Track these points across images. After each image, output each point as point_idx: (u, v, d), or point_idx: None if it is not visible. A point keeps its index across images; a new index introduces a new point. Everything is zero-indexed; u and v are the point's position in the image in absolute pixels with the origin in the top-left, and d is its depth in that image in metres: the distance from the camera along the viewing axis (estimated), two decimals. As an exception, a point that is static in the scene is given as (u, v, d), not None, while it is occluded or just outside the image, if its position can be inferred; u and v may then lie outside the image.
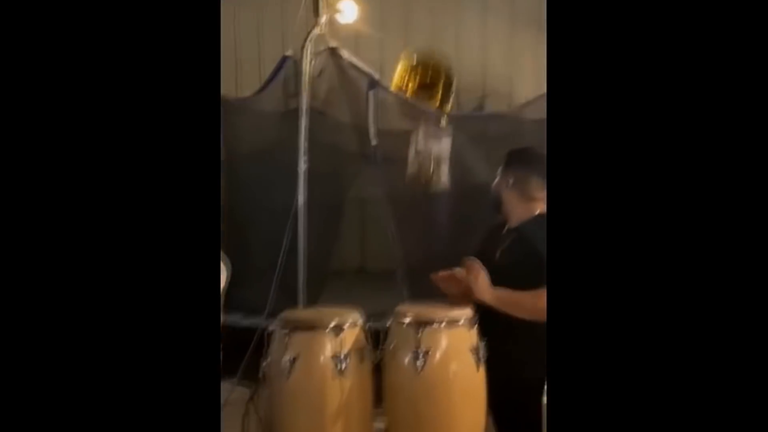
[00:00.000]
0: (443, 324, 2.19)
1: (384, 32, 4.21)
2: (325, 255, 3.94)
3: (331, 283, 3.98)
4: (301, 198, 3.54)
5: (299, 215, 3.52)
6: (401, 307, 2.34)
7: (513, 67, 4.65)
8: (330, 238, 3.97)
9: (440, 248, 3.69)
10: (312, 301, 3.57)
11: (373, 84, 3.83)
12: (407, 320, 2.22)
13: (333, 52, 3.77)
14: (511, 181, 2.55)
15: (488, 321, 2.35)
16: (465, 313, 2.26)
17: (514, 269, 2.39)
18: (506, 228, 2.59)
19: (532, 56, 4.41)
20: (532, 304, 2.22)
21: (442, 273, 2.49)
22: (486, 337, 2.27)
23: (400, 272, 3.69)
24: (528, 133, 3.72)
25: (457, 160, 3.84)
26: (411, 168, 3.96)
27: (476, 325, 2.26)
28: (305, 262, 3.51)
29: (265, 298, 3.28)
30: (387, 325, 2.30)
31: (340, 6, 3.71)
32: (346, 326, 2.23)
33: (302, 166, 3.57)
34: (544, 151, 2.53)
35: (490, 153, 3.68)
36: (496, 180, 2.64)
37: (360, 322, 2.32)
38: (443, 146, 4.00)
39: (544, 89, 4.22)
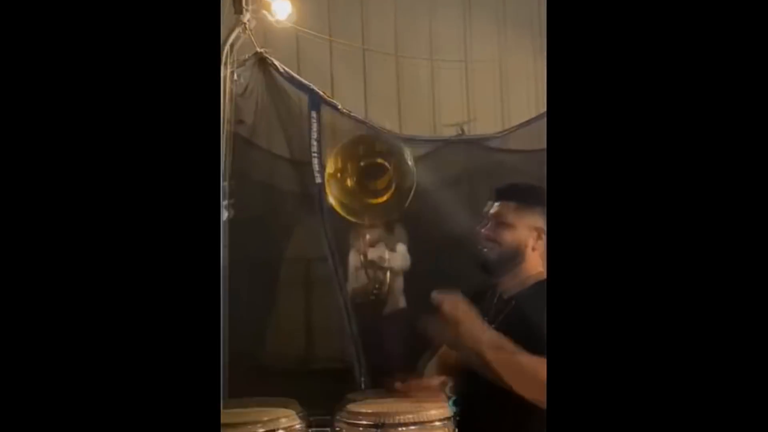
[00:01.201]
0: (411, 427, 2.15)
1: (332, 34, 4.19)
2: (256, 336, 3.86)
3: (265, 371, 3.89)
4: (222, 257, 3.46)
5: (221, 281, 3.44)
6: (355, 404, 2.29)
7: (505, 82, 4.72)
8: (260, 312, 3.89)
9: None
10: (236, 393, 3.47)
11: (317, 101, 3.82)
12: (363, 421, 2.17)
13: (262, 60, 3.76)
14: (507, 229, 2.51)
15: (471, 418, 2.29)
16: (441, 410, 2.21)
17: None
18: (498, 295, 2.54)
19: (526, 69, 4.49)
20: (533, 370, 2.16)
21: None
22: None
23: (356, 357, 3.64)
24: (520, 166, 3.76)
25: (427, 205, 3.83)
26: (355, 281, 4.02)
27: (455, 429, 2.21)
28: (227, 345, 3.44)
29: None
30: (335, 429, 2.25)
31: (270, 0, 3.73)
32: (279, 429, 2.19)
33: (223, 213, 3.51)
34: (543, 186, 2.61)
35: (471, 193, 3.68)
36: (482, 227, 2.59)
37: (299, 424, 2.27)
38: (399, 253, 4.06)
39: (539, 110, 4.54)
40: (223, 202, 3.48)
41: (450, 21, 4.76)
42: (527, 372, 2.15)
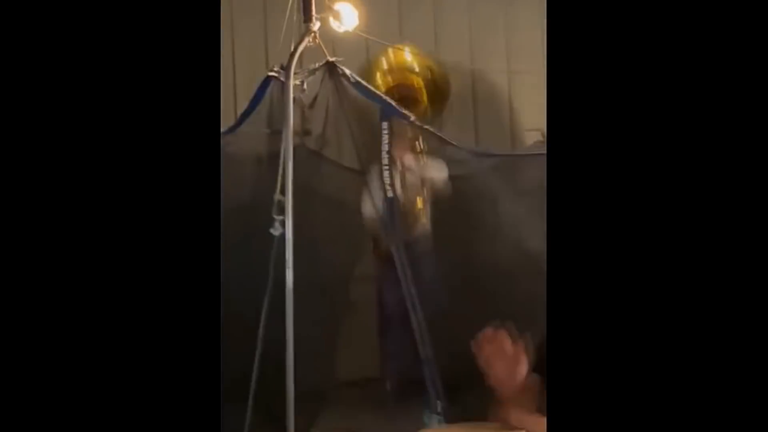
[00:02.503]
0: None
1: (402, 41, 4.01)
2: (324, 360, 3.64)
3: (335, 400, 3.69)
4: (289, 277, 3.25)
5: (287, 302, 3.23)
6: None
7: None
8: (329, 336, 3.68)
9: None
10: (303, 428, 3.28)
11: (389, 111, 3.62)
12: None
13: (332, 68, 3.58)
14: None
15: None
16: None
17: None
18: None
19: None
20: None
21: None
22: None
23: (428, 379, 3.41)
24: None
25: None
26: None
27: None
28: (294, 371, 3.21)
29: (236, 425, 3.00)
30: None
31: (337, 8, 3.55)
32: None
33: (289, 229, 3.31)
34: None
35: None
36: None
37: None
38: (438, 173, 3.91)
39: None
40: (288, 218, 3.28)
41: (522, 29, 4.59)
42: None
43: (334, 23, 3.59)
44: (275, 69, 3.53)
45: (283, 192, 3.27)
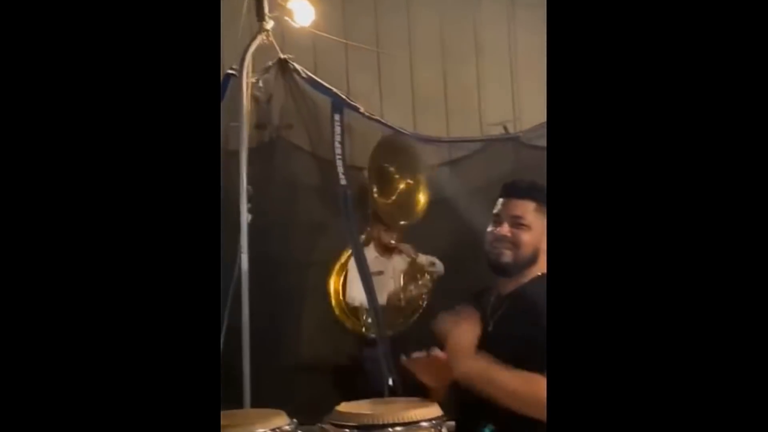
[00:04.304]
0: (397, 428, 2.07)
1: (350, 37, 4.15)
2: (278, 340, 3.84)
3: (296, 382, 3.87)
4: (245, 261, 3.46)
5: (242, 284, 3.44)
6: (342, 406, 2.23)
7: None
8: (285, 317, 3.87)
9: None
10: (264, 400, 3.47)
11: (340, 105, 3.80)
12: (347, 424, 2.11)
13: (284, 65, 3.76)
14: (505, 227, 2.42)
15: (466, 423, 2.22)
16: (429, 411, 2.14)
17: (512, 347, 2.26)
18: (496, 293, 2.45)
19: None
20: (519, 389, 2.10)
21: (416, 355, 2.35)
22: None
23: (382, 359, 3.58)
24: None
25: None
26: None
27: (443, 429, 2.13)
28: (250, 349, 3.42)
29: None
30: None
31: (292, 5, 3.71)
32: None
33: (245, 216, 3.50)
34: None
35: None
36: (490, 228, 2.49)
37: (289, 428, 2.22)
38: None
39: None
40: (244, 205, 3.48)
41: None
42: (511, 394, 2.10)
43: (290, 21, 3.75)
44: (234, 67, 3.71)
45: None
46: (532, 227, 2.36)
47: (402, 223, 4.01)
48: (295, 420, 2.26)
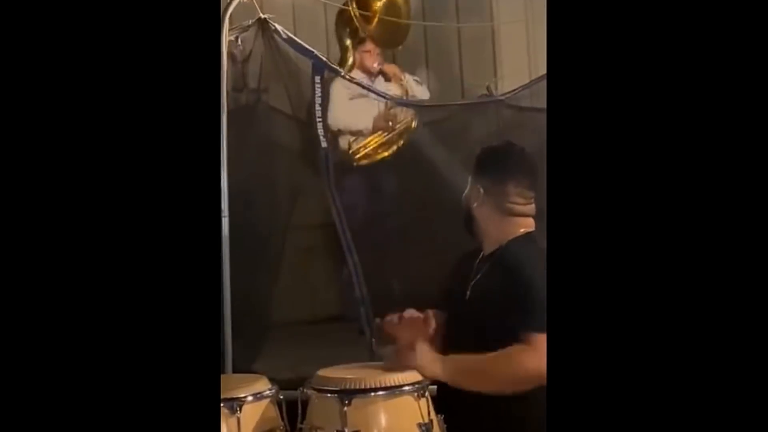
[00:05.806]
0: (380, 393, 2.08)
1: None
2: (262, 301, 3.83)
3: (276, 337, 3.88)
4: (225, 225, 3.43)
5: (222, 248, 3.41)
6: (324, 371, 2.23)
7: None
8: (266, 279, 3.85)
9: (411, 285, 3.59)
10: (246, 363, 3.48)
11: (320, 67, 3.74)
12: (329, 388, 2.11)
13: (264, 25, 3.68)
14: (482, 191, 2.42)
15: (448, 387, 2.22)
16: (411, 375, 2.14)
17: (486, 309, 2.28)
18: (481, 255, 2.47)
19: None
20: (497, 371, 2.14)
21: (389, 318, 2.37)
22: (445, 409, 2.16)
23: (363, 319, 3.59)
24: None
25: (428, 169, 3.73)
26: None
27: (426, 394, 2.14)
28: (231, 311, 3.41)
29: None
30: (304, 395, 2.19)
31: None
32: (248, 399, 2.14)
33: (224, 179, 3.46)
34: (524, 147, 2.53)
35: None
36: (466, 191, 2.51)
37: (270, 392, 2.22)
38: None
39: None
40: (223, 168, 3.44)
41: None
42: (493, 378, 2.13)
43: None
44: (212, 26, 3.65)
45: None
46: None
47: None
48: (276, 386, 2.28)
